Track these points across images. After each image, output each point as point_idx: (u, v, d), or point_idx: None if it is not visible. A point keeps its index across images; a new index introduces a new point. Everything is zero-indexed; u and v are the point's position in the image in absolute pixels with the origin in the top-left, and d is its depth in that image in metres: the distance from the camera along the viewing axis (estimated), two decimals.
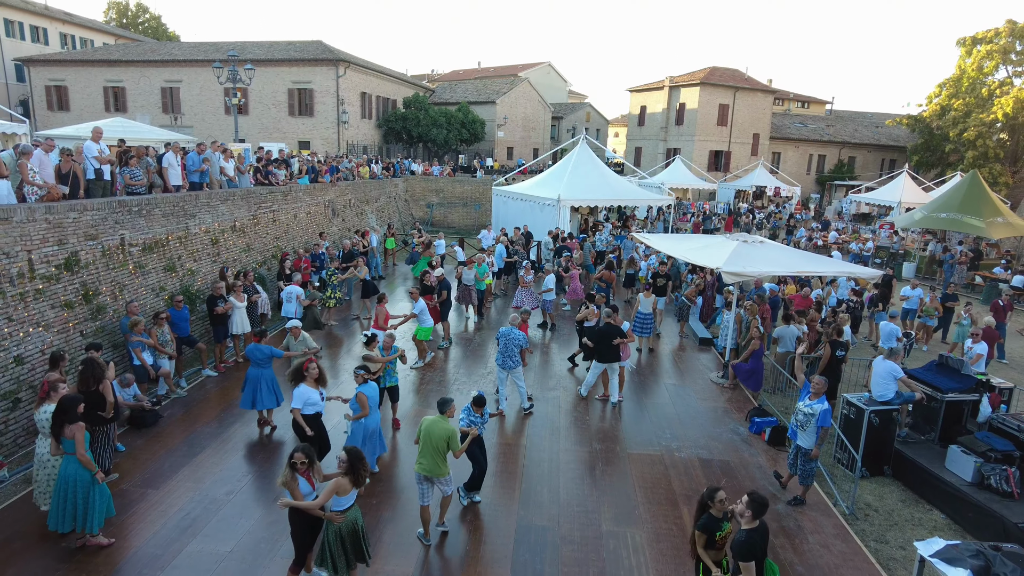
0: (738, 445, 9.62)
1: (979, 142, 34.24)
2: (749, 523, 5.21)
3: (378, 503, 7.63)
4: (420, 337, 12.20)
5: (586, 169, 23.59)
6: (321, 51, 35.95)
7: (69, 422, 6.20)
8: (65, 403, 6.33)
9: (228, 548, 6.70)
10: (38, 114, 36.86)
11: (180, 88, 36.38)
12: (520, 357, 10.12)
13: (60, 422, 6.21)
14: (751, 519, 5.21)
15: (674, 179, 36.30)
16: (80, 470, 6.24)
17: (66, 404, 6.31)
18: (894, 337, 12.38)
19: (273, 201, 16.96)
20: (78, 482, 6.25)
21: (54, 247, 9.47)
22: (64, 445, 6.22)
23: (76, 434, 6.19)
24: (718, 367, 12.87)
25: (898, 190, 32.39)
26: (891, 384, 8.87)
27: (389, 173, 29.88)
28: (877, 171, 46.47)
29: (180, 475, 8.10)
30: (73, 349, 9.44)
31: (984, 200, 21.41)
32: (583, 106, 59.89)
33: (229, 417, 9.86)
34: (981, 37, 35.98)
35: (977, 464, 7.89)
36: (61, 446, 6.25)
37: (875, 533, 7.58)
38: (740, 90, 43.26)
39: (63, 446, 6.23)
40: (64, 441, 6.20)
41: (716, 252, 12.45)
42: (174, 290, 12.00)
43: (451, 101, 45.98)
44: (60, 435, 6.21)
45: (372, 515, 7.28)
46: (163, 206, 12.18)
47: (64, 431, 6.19)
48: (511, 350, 10.01)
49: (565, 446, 9.33)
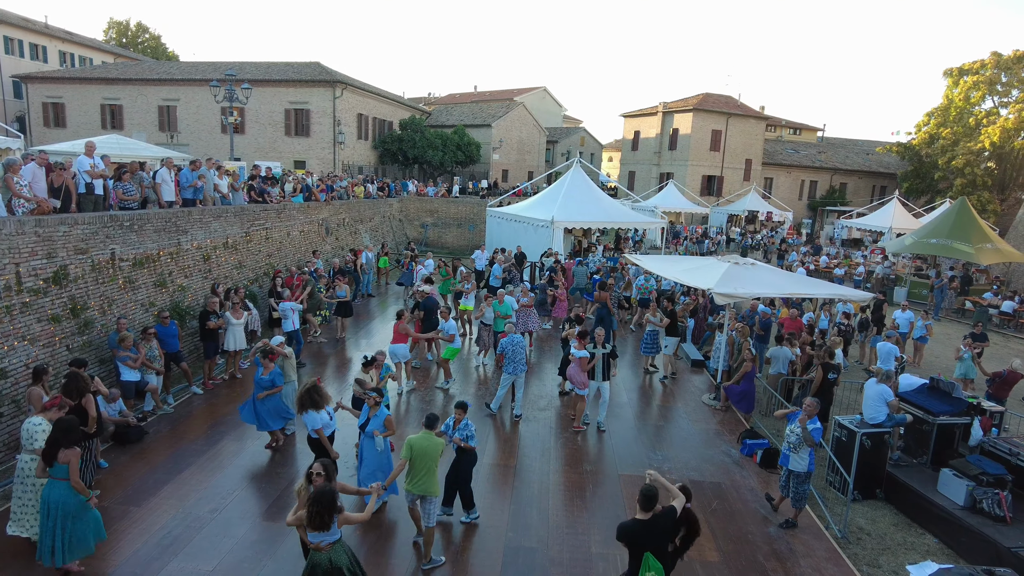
0: (730, 467, 9.55)
1: (967, 170, 34.76)
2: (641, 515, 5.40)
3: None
4: (445, 356, 12.24)
5: (580, 191, 23.76)
6: (318, 72, 36.29)
7: (65, 446, 5.95)
8: (64, 425, 6.09)
9: (210, 567, 6.55)
10: (34, 130, 36.92)
11: (177, 107, 36.56)
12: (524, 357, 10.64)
13: (55, 445, 5.94)
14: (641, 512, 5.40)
15: (667, 203, 36.65)
16: (68, 496, 5.97)
17: (65, 427, 6.07)
18: (892, 357, 12.38)
19: (266, 219, 16.95)
20: (66, 507, 5.97)
21: (43, 260, 9.40)
22: (55, 470, 5.95)
23: (72, 460, 5.94)
24: (710, 389, 12.83)
25: (889, 216, 32.78)
26: (883, 407, 8.85)
27: (384, 193, 29.98)
28: (868, 197, 47.02)
29: (163, 492, 7.95)
30: (58, 363, 9.31)
31: (973, 226, 21.64)
32: (578, 130, 60.53)
33: (216, 434, 9.73)
34: (968, 68, 36.76)
35: (969, 488, 7.86)
36: (48, 470, 5.98)
37: (867, 557, 7.50)
38: (733, 116, 43.87)
39: (53, 471, 5.95)
40: (56, 466, 5.94)
41: (708, 274, 12.48)
42: (164, 306, 11.91)
43: (447, 124, 46.41)
44: (53, 458, 5.92)
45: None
46: (155, 221, 12.15)
47: (59, 455, 5.91)
48: (519, 355, 10.53)
49: (556, 467, 9.23)
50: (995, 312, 20.74)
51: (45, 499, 5.99)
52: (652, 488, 5.43)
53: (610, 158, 69.34)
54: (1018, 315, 20.23)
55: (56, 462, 5.93)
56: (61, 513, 5.97)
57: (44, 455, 5.98)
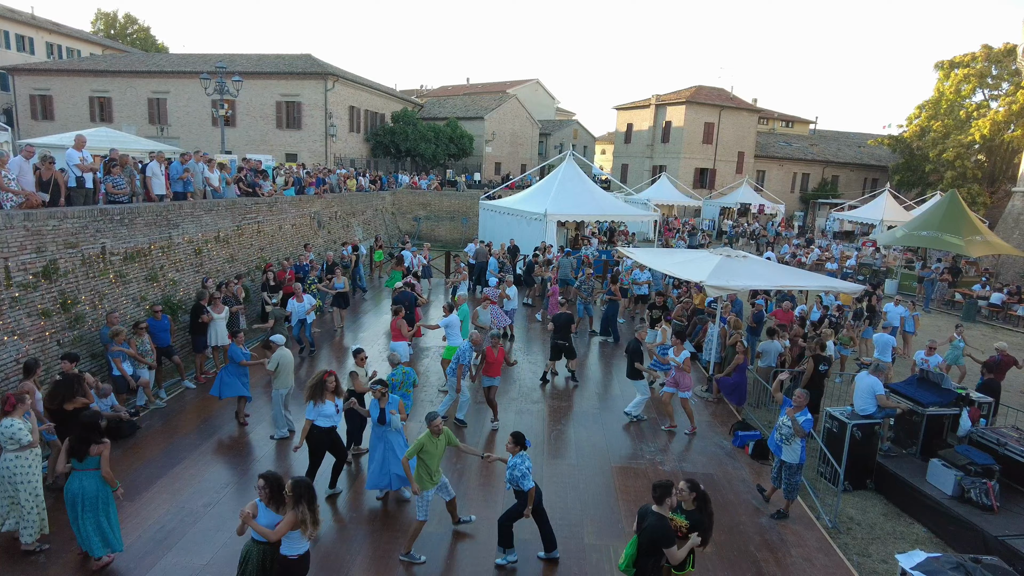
0: (722, 459, 9.62)
1: (958, 163, 34.95)
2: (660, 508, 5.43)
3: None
4: (445, 356, 11.45)
5: (573, 184, 23.73)
6: (310, 65, 36.04)
7: (95, 440, 6.11)
8: (89, 419, 6.28)
9: (204, 561, 6.56)
10: (22, 123, 36.48)
11: (167, 99, 36.23)
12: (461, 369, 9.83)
13: (86, 439, 6.08)
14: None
15: (660, 196, 36.67)
16: (100, 486, 6.16)
17: (90, 421, 6.26)
18: (889, 348, 12.45)
19: (258, 212, 16.87)
20: (97, 499, 6.15)
21: (32, 255, 9.33)
22: (86, 463, 6.09)
23: (104, 451, 6.14)
24: (702, 381, 12.90)
25: (880, 208, 32.95)
26: (873, 399, 8.93)
27: (376, 186, 29.87)
28: (860, 190, 47.21)
29: (156, 486, 7.94)
30: (49, 359, 9.26)
31: (963, 219, 21.81)
32: (570, 123, 60.39)
33: (208, 428, 9.71)
34: (958, 61, 36.92)
35: (958, 477, 7.95)
36: (71, 462, 6.11)
37: (857, 547, 7.59)
38: (725, 109, 43.90)
39: (83, 463, 6.09)
40: (88, 459, 6.09)
41: (699, 266, 12.51)
42: (155, 300, 11.84)
43: (440, 116, 46.20)
44: (84, 452, 6.07)
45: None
46: (146, 215, 12.07)
47: (91, 449, 6.07)
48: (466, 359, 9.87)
49: (547, 459, 9.27)
50: (984, 304, 20.93)
51: (75, 493, 6.11)
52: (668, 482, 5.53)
53: (603, 151, 69.30)
54: (1006, 307, 20.42)
55: (88, 455, 6.09)
56: (101, 503, 6.18)
57: (73, 450, 6.10)
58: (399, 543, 6.95)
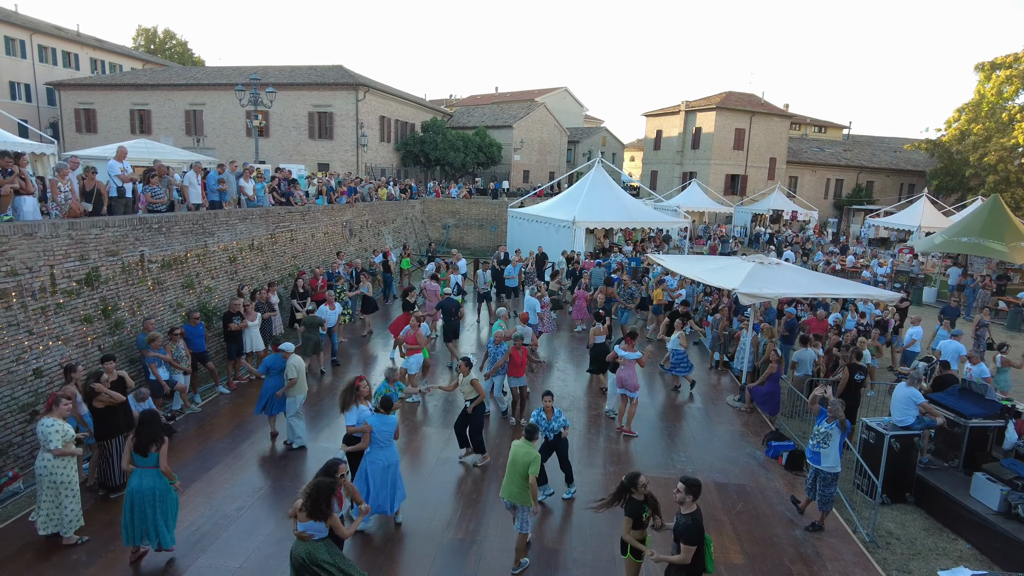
0: (755, 469, 9.43)
1: (1000, 166, 33.90)
2: (689, 507, 5.42)
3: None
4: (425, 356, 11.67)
5: (601, 191, 23.67)
6: (341, 76, 36.65)
7: (156, 438, 6.33)
8: (150, 418, 6.50)
9: (237, 564, 6.66)
10: (67, 136, 37.85)
11: (203, 111, 37.22)
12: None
13: (148, 437, 6.29)
14: (691, 503, 5.43)
15: (690, 202, 36.34)
16: (158, 481, 6.37)
17: (151, 419, 6.49)
18: (957, 356, 11.93)
19: (291, 220, 17.17)
20: (155, 494, 6.35)
21: (76, 262, 9.64)
22: (147, 460, 6.31)
23: (163, 448, 6.38)
24: (735, 390, 12.68)
25: (917, 215, 32.10)
26: (911, 409, 8.67)
27: (407, 195, 30.19)
28: (895, 195, 46.09)
29: (191, 490, 8.09)
30: (90, 363, 9.52)
31: (1007, 224, 21.11)
32: (599, 130, 60.29)
33: (242, 433, 9.88)
34: (1000, 62, 35.84)
35: (1004, 492, 7.65)
36: (134, 460, 6.33)
37: (897, 562, 7.35)
38: (756, 114, 43.34)
39: (145, 460, 6.31)
40: (151, 455, 6.31)
41: (732, 274, 12.34)
42: (191, 306, 12.12)
43: (468, 125, 46.54)
44: (146, 450, 6.29)
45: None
46: (183, 224, 12.38)
47: (151, 446, 6.30)
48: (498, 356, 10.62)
49: (578, 468, 9.16)
50: None
51: (136, 489, 6.32)
52: (696, 479, 5.60)
53: (632, 158, 68.95)
54: None
55: (150, 452, 6.31)
56: (156, 497, 6.38)
57: (137, 447, 6.32)
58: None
